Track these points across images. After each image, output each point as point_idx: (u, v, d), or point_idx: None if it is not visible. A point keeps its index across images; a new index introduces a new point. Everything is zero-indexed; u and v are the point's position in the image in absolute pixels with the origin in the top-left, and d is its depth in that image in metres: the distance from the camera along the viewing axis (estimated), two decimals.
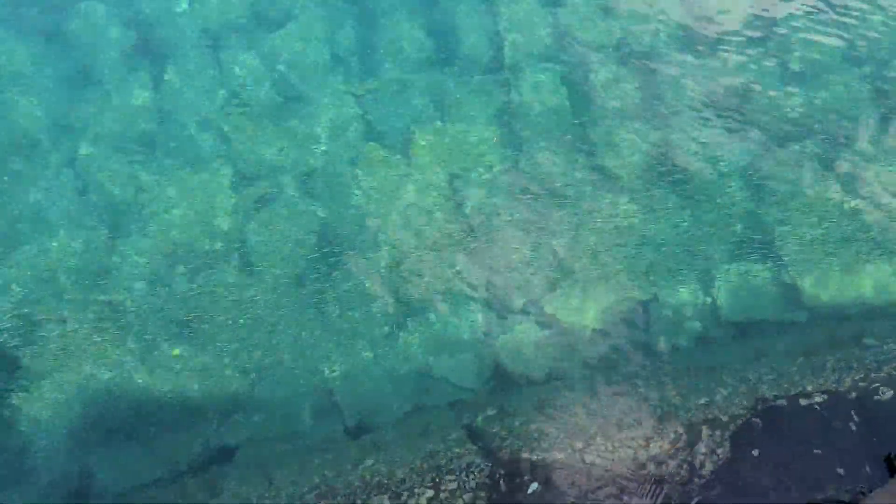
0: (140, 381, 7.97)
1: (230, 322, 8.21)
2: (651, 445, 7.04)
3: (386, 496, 6.83)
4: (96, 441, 7.75)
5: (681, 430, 7.11)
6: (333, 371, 8.06)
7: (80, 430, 7.79)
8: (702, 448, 6.93)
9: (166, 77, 9.29)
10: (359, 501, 6.86)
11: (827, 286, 8.41)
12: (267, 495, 7.26)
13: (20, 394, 7.87)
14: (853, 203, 8.83)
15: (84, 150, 8.91)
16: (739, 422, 7.04)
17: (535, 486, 6.84)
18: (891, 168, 8.99)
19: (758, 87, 9.38)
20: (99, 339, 8.11)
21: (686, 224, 8.74)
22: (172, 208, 8.68)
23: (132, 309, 8.22)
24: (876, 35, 9.67)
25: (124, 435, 7.80)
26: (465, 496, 6.73)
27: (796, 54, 9.58)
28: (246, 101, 9.24)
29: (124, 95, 9.19)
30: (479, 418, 7.59)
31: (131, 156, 8.92)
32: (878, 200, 8.83)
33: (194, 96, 9.23)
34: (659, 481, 6.76)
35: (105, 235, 8.54)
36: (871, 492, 5.96)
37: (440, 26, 9.71)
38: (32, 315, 8.16)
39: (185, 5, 9.64)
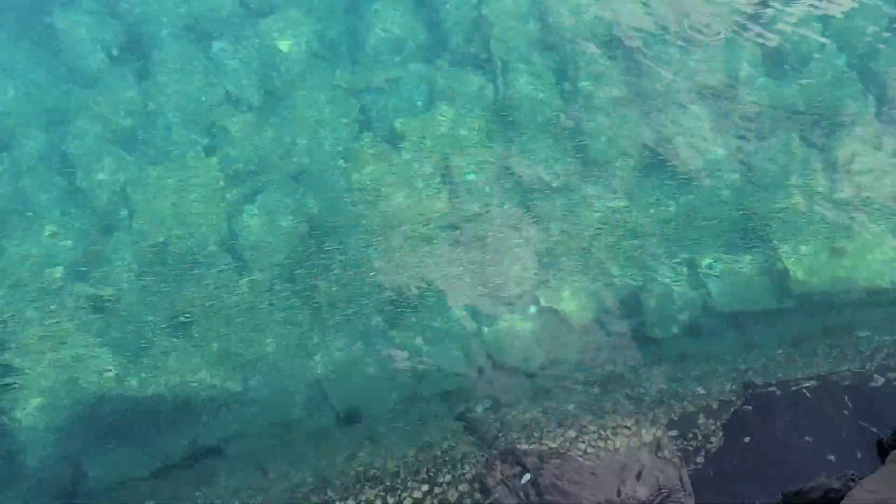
0: (130, 376, 7.89)
1: (221, 316, 8.13)
2: (644, 433, 7.07)
3: (380, 488, 6.81)
4: (87, 438, 7.67)
5: (673, 418, 7.15)
6: (325, 364, 8.02)
7: (71, 427, 7.70)
8: (694, 435, 6.98)
9: (153, 72, 9.14)
10: (353, 494, 6.84)
11: (818, 275, 8.46)
12: (259, 488, 7.22)
13: (9, 393, 7.76)
14: (843, 191, 8.87)
15: (71, 145, 8.76)
16: (731, 409, 7.09)
17: (527, 476, 6.86)
18: (879, 155, 9.04)
19: (746, 77, 9.37)
20: (88, 335, 8.00)
21: (676, 214, 8.75)
22: (161, 204, 8.56)
23: (121, 305, 8.12)
24: (861, 22, 9.68)
25: (115, 431, 7.73)
26: (459, 488, 6.73)
27: (783, 43, 9.57)
28: (234, 95, 9.11)
29: (112, 91, 9.03)
30: (473, 409, 7.59)
31: (119, 151, 8.77)
32: (868, 188, 8.88)
33: (182, 90, 9.09)
34: (652, 469, 6.80)
35: (93, 232, 8.42)
36: (861, 478, 6.02)
37: (428, 17, 9.60)
38: (20, 312, 8.03)
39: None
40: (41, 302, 8.10)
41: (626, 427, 7.12)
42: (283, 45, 9.32)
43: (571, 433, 7.14)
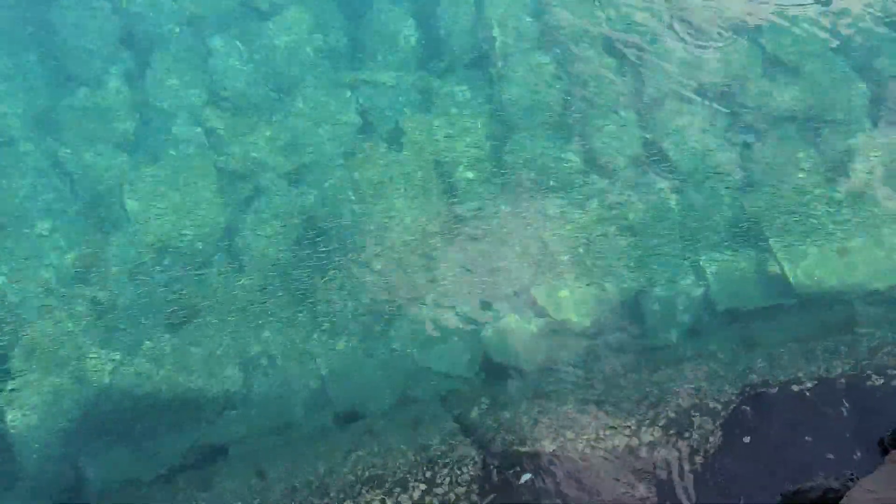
0: (129, 377, 7.89)
1: (219, 317, 8.12)
2: (643, 433, 7.07)
3: (379, 490, 6.82)
4: (86, 440, 7.67)
5: (672, 418, 7.15)
6: (324, 364, 8.01)
7: (70, 428, 7.70)
8: (693, 435, 6.98)
9: (151, 70, 9.11)
10: (351, 496, 6.85)
11: (817, 273, 8.45)
12: (258, 490, 7.23)
13: (7, 394, 7.76)
14: (843, 190, 8.86)
15: (68, 145, 8.74)
16: (730, 409, 7.09)
17: (527, 476, 6.87)
18: (880, 154, 9.03)
19: (746, 76, 9.36)
20: (86, 336, 8.00)
21: (676, 213, 8.73)
22: (159, 204, 8.55)
23: (119, 305, 8.12)
24: (862, 23, 9.65)
25: (115, 432, 7.73)
26: (458, 489, 6.74)
27: (784, 43, 9.55)
28: (233, 95, 9.09)
29: (109, 89, 9.00)
30: (471, 410, 7.59)
31: (117, 150, 8.76)
32: (867, 187, 8.87)
33: (180, 89, 9.05)
34: (651, 469, 6.80)
35: (90, 231, 8.41)
36: (860, 478, 6.03)
37: (428, 16, 9.58)
38: (17, 313, 8.04)
39: None
40: (38, 302, 8.10)
41: (625, 427, 7.12)
42: (282, 41, 9.31)
43: (570, 433, 7.14)
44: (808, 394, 7.06)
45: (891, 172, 8.91)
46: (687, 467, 6.78)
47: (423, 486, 6.79)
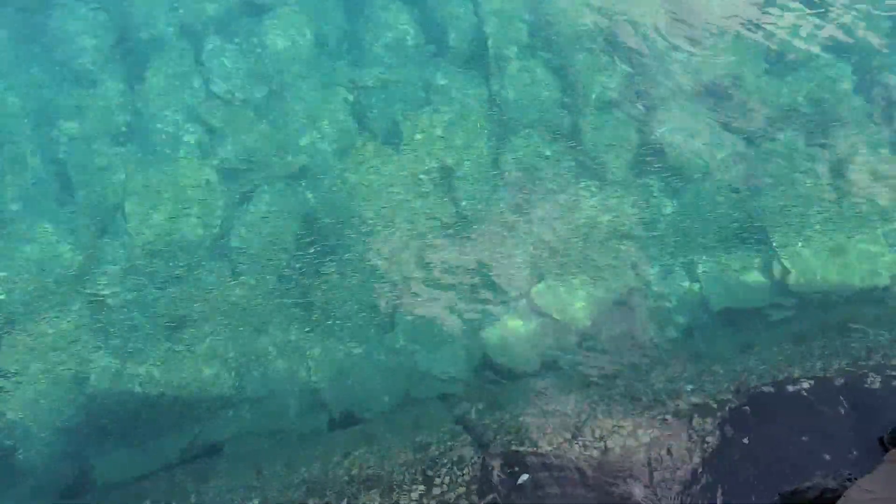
0: (129, 377, 7.91)
1: (216, 317, 8.14)
2: (640, 434, 7.07)
3: (377, 490, 6.83)
4: (87, 439, 7.71)
5: (670, 419, 7.14)
6: (322, 364, 8.03)
7: (70, 428, 7.73)
8: (691, 436, 6.97)
9: (149, 71, 9.14)
10: (349, 495, 6.85)
11: (815, 274, 8.44)
12: (255, 487, 7.25)
13: (8, 394, 7.80)
14: (840, 190, 8.84)
15: (66, 145, 8.77)
16: (728, 410, 7.08)
17: (525, 476, 6.87)
18: (876, 154, 9.01)
19: (745, 76, 9.35)
20: (85, 336, 8.03)
21: (673, 213, 8.73)
22: (156, 204, 8.57)
23: (117, 306, 8.14)
24: (861, 22, 9.65)
25: (114, 432, 7.76)
26: (456, 490, 6.74)
27: (783, 43, 9.54)
28: (229, 94, 9.11)
29: (106, 89, 9.03)
30: (470, 410, 7.59)
31: (114, 151, 8.78)
32: (864, 187, 8.85)
33: (178, 90, 9.08)
34: (649, 470, 6.80)
35: (88, 232, 8.43)
36: (857, 478, 6.02)
37: (426, 16, 9.59)
38: (16, 313, 8.07)
39: None
40: (37, 303, 8.13)
41: (622, 427, 7.12)
42: (279, 40, 9.34)
43: (568, 434, 7.14)
44: (805, 393, 7.05)
45: (889, 173, 8.90)
46: (685, 468, 6.77)
47: (421, 487, 6.80)
